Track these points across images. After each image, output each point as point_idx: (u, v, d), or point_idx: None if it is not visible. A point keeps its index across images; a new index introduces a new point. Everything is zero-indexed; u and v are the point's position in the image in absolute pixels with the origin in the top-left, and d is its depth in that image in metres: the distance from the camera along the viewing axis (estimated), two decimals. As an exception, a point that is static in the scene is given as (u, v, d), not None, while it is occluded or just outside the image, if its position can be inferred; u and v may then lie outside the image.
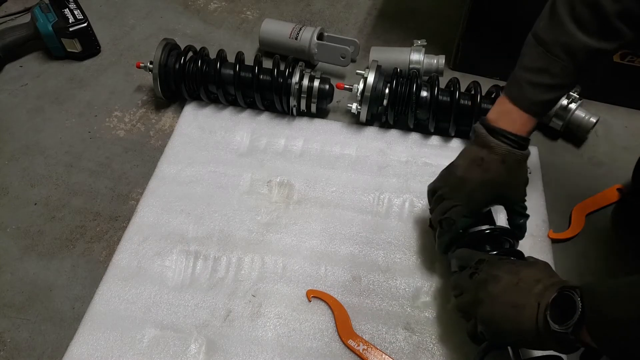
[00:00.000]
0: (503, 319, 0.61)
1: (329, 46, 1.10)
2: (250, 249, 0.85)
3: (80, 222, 0.90)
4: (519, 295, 0.61)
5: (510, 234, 0.77)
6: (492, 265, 0.67)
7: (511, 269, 0.64)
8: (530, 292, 0.60)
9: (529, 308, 0.59)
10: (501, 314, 0.61)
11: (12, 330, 0.77)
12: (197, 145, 0.99)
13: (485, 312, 0.63)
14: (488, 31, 1.07)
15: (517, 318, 0.60)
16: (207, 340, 0.76)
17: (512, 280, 0.63)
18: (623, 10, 0.62)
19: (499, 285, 0.63)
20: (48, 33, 1.11)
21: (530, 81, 0.69)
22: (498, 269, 0.65)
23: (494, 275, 0.64)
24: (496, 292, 0.63)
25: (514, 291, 0.62)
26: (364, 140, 1.01)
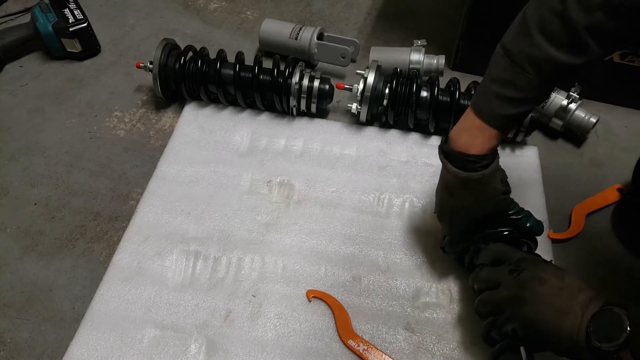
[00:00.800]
0: (545, 320, 0.60)
1: (329, 46, 1.10)
2: (250, 249, 0.85)
3: (80, 222, 0.90)
4: (564, 300, 0.60)
5: (529, 237, 0.77)
6: (536, 265, 0.66)
7: (556, 273, 0.64)
8: (574, 300, 0.59)
9: (572, 315, 0.58)
10: (544, 315, 0.61)
11: (12, 330, 0.77)
12: (197, 145, 0.99)
13: (528, 311, 0.62)
14: (488, 31, 1.06)
15: (558, 323, 0.59)
16: (207, 340, 0.76)
17: (557, 284, 0.62)
18: (593, 25, 0.59)
19: (544, 287, 0.62)
20: (48, 33, 1.11)
21: (496, 93, 0.66)
22: (543, 271, 0.64)
23: (540, 276, 0.64)
24: (541, 293, 0.62)
25: (558, 295, 0.61)
26: (364, 140, 1.01)
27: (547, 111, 1.00)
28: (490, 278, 0.69)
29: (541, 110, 1.00)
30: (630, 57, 0.99)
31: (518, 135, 0.97)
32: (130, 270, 0.82)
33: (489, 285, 0.69)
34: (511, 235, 0.76)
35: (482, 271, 0.71)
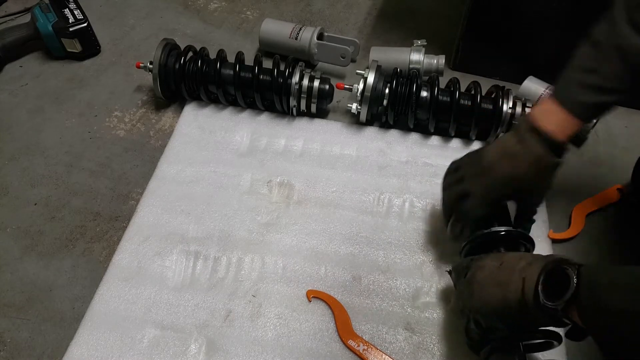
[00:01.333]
0: (490, 300, 0.62)
1: (329, 46, 1.10)
2: (250, 249, 0.85)
3: (80, 222, 0.90)
4: (502, 274, 0.62)
5: (527, 238, 0.77)
6: (478, 259, 0.69)
7: (495, 257, 0.66)
8: (513, 270, 0.61)
9: (513, 283, 0.60)
10: (487, 295, 0.63)
11: (12, 330, 0.77)
12: (197, 145, 0.99)
13: (475, 299, 0.64)
14: (488, 31, 1.07)
15: (502, 295, 0.60)
16: (207, 340, 0.76)
17: (495, 265, 0.64)
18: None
19: (484, 271, 0.65)
20: (48, 33, 1.11)
21: (578, 81, 0.68)
22: (482, 260, 0.67)
23: (479, 265, 0.66)
24: (481, 278, 0.65)
25: (497, 272, 0.63)
26: (364, 140, 1.01)
27: (547, 111, 1.00)
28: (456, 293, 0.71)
29: (541, 110, 1.00)
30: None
31: (518, 135, 0.97)
32: (130, 270, 0.82)
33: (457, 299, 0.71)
34: (509, 235, 0.76)
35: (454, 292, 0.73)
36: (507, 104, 0.95)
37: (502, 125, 0.95)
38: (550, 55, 1.05)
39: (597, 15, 0.94)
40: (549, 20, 1.00)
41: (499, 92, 0.97)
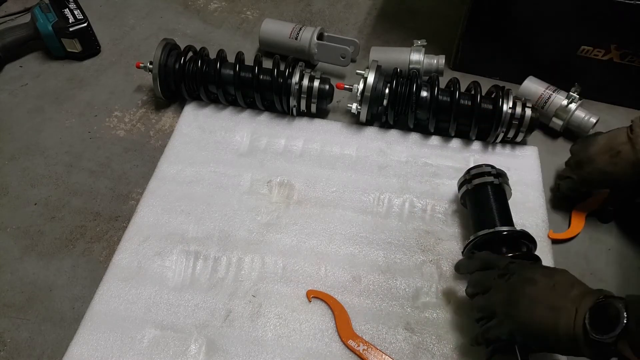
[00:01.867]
0: (541, 320, 0.60)
1: (329, 46, 1.10)
2: (250, 249, 0.85)
3: (80, 222, 0.90)
4: (557, 298, 0.60)
5: (529, 238, 0.77)
6: (524, 267, 0.67)
7: (545, 272, 0.64)
8: (566, 296, 0.60)
9: (566, 312, 0.58)
10: (538, 315, 0.61)
11: (12, 330, 0.77)
12: (197, 145, 0.99)
13: (522, 313, 0.62)
14: (488, 31, 1.07)
15: (553, 321, 0.59)
16: (207, 340, 0.76)
17: (548, 283, 0.62)
18: None
19: (536, 287, 0.63)
20: (48, 33, 1.11)
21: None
22: (532, 272, 0.65)
23: (530, 277, 0.64)
24: (533, 294, 0.62)
25: (550, 294, 0.61)
26: (364, 140, 1.01)
27: (547, 111, 1.00)
28: (481, 282, 0.70)
29: (541, 110, 1.00)
30: (630, 57, 0.99)
31: (518, 135, 0.97)
32: (130, 270, 0.82)
33: (481, 289, 0.69)
34: (511, 235, 0.76)
35: (473, 276, 0.72)
36: (507, 104, 0.95)
37: (502, 125, 0.95)
38: (550, 55, 1.05)
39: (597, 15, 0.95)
40: (549, 20, 1.00)
41: (499, 92, 0.97)
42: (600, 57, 1.01)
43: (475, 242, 0.78)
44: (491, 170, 0.84)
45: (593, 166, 0.81)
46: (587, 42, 1.00)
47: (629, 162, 0.73)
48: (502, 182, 0.84)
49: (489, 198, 0.82)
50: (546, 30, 1.01)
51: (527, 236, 0.77)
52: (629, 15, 0.92)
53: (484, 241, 0.77)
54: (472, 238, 0.78)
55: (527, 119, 0.95)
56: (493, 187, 0.82)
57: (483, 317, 0.69)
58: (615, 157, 0.76)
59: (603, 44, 0.99)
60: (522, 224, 0.88)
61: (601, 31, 0.98)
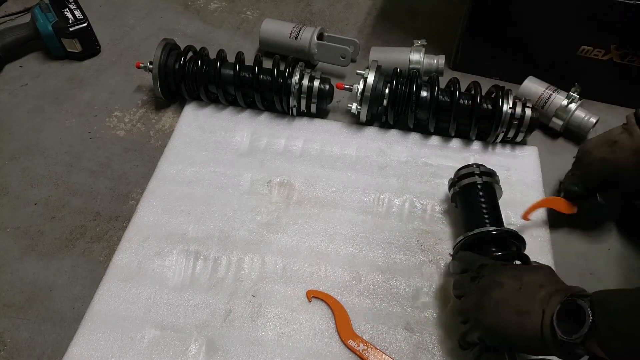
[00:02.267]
0: (506, 325, 0.60)
1: (329, 46, 1.10)
2: (250, 249, 0.85)
3: (80, 222, 0.90)
4: (523, 301, 0.60)
5: (518, 237, 0.77)
6: (494, 270, 0.66)
7: (514, 274, 0.64)
8: (533, 298, 0.59)
9: (533, 314, 0.58)
10: (504, 320, 0.61)
11: (12, 330, 0.77)
12: (197, 145, 0.99)
13: (488, 318, 0.62)
14: (488, 31, 1.07)
15: (520, 325, 0.59)
16: (207, 340, 0.76)
17: (515, 286, 0.62)
18: None
19: (502, 291, 0.62)
20: (48, 33, 1.11)
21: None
22: (501, 275, 0.65)
23: (497, 280, 0.64)
24: (499, 297, 0.62)
25: (517, 297, 0.61)
26: (364, 140, 1.01)
27: (547, 111, 1.00)
28: (459, 286, 0.70)
29: (541, 110, 1.00)
30: (630, 57, 0.99)
31: (518, 135, 0.97)
32: (130, 270, 0.82)
33: (458, 294, 0.70)
34: (500, 234, 0.76)
35: (455, 278, 0.72)
36: (507, 104, 0.95)
37: (502, 125, 0.95)
38: (550, 55, 1.05)
39: (597, 15, 0.95)
40: (549, 20, 1.00)
41: (499, 92, 0.97)
42: (600, 57, 1.01)
43: (463, 242, 0.77)
44: (475, 170, 0.84)
45: (592, 156, 0.80)
46: (587, 42, 1.00)
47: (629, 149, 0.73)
48: (491, 181, 0.83)
49: (478, 198, 0.81)
50: (546, 30, 1.01)
51: (516, 235, 0.77)
52: (629, 15, 0.92)
53: (472, 241, 0.77)
54: (461, 238, 0.78)
55: (527, 119, 0.95)
56: (481, 186, 0.82)
57: (461, 321, 0.69)
58: (613, 145, 0.75)
59: (603, 44, 0.99)
60: (522, 224, 0.88)
61: (601, 31, 0.98)
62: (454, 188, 0.85)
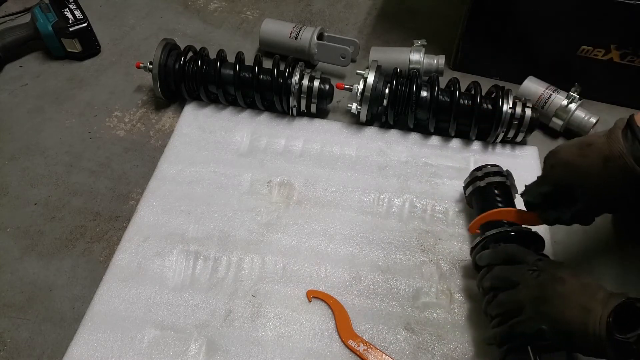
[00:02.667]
0: (571, 320, 0.60)
1: (329, 46, 1.10)
2: (250, 249, 0.85)
3: (80, 222, 0.90)
4: (586, 298, 0.61)
5: (536, 238, 0.77)
6: (553, 266, 0.67)
7: (572, 273, 0.64)
8: (594, 297, 0.60)
9: (595, 312, 0.59)
10: (570, 314, 0.61)
11: (12, 330, 0.77)
12: (197, 145, 0.99)
13: (554, 310, 0.62)
14: (488, 31, 1.07)
15: (584, 320, 0.59)
16: (207, 340, 0.76)
17: (576, 284, 0.62)
18: None
19: (565, 286, 0.63)
20: (48, 33, 1.11)
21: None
22: (561, 271, 0.65)
23: (559, 276, 0.64)
24: (564, 292, 0.62)
25: (580, 294, 0.61)
26: (364, 140, 1.01)
27: (547, 111, 1.00)
28: (507, 277, 0.68)
29: (541, 110, 1.00)
30: (630, 57, 0.99)
31: (518, 135, 0.97)
32: (130, 270, 0.82)
33: (505, 285, 0.68)
34: (518, 235, 0.76)
35: (496, 270, 0.71)
36: (507, 104, 0.95)
37: (502, 125, 0.95)
38: (550, 55, 1.05)
39: (597, 15, 0.95)
40: (549, 20, 1.00)
41: (499, 92, 0.97)
42: (600, 57, 1.01)
43: (484, 243, 0.78)
44: (501, 170, 0.84)
45: (557, 158, 0.67)
46: (587, 42, 1.00)
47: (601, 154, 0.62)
48: (510, 183, 0.84)
49: (497, 197, 0.82)
50: (546, 30, 1.01)
51: (536, 236, 0.77)
52: (629, 15, 0.92)
53: (493, 241, 0.77)
54: (481, 238, 0.78)
55: (527, 119, 0.95)
56: (502, 187, 0.83)
57: (503, 313, 0.67)
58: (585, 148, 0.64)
59: (603, 44, 0.99)
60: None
61: (601, 31, 0.98)
62: (476, 184, 0.85)
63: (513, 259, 0.70)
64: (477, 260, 0.77)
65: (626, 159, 0.61)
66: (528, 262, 0.68)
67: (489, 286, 0.71)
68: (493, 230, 0.77)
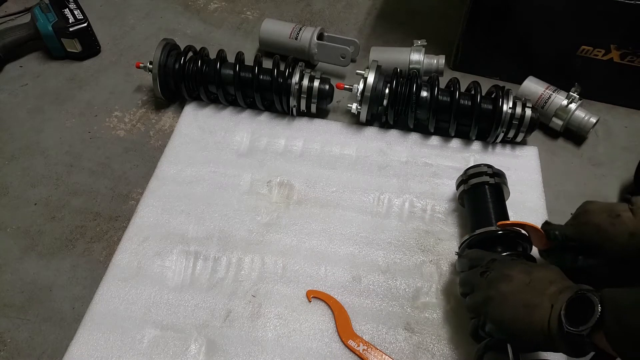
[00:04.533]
0: (514, 318, 0.61)
1: (329, 46, 1.10)
2: (250, 249, 0.85)
3: (80, 222, 0.90)
4: (532, 295, 0.60)
5: (524, 238, 0.77)
6: (504, 264, 0.67)
7: (524, 269, 0.64)
8: (543, 293, 0.60)
9: (541, 309, 0.58)
10: (512, 313, 0.61)
11: (12, 330, 0.77)
12: (197, 145, 0.99)
13: (496, 310, 0.63)
14: (488, 31, 1.07)
15: (528, 318, 0.59)
16: (207, 340, 0.76)
17: (524, 280, 0.62)
18: None
19: (511, 284, 0.63)
20: (48, 33, 1.11)
21: None
22: (510, 269, 0.65)
23: (506, 274, 0.64)
24: (508, 290, 0.62)
25: (526, 291, 0.61)
26: (364, 140, 1.01)
27: (547, 111, 1.00)
28: (466, 282, 0.70)
29: (541, 110, 1.00)
30: (630, 57, 0.99)
31: (518, 135, 0.97)
32: (130, 270, 0.82)
33: (468, 289, 0.69)
34: (505, 234, 0.76)
35: (462, 275, 0.72)
36: (507, 104, 0.95)
37: (502, 125, 0.95)
38: (550, 55, 1.05)
39: (597, 15, 0.95)
40: (549, 20, 1.00)
41: (499, 92, 0.96)
42: (600, 57, 1.01)
43: (469, 242, 0.78)
44: (487, 170, 0.84)
45: (590, 218, 0.73)
46: (587, 42, 1.00)
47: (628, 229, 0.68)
48: (500, 182, 0.83)
49: (485, 198, 0.82)
50: (546, 30, 1.01)
51: (522, 236, 0.77)
52: (629, 15, 0.92)
53: (478, 241, 0.77)
54: (466, 238, 0.78)
55: (527, 119, 0.95)
56: (490, 186, 0.82)
57: (472, 317, 0.69)
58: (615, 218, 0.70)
59: (603, 44, 0.99)
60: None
61: (601, 31, 0.98)
62: (462, 187, 0.85)
63: (473, 264, 0.71)
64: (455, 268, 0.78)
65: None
66: (482, 264, 0.69)
67: (461, 292, 0.72)
68: (479, 230, 0.77)
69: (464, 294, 0.71)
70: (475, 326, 0.68)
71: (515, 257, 0.72)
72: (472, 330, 0.69)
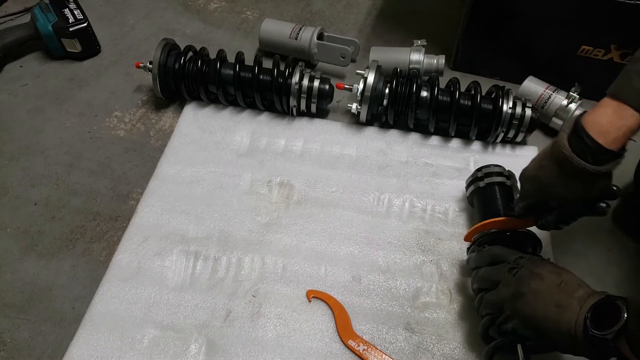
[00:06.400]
0: (545, 316, 0.61)
1: (329, 46, 1.10)
2: (250, 249, 0.85)
3: (80, 222, 0.90)
4: (562, 295, 0.61)
5: (530, 238, 0.77)
6: (533, 262, 0.67)
7: (553, 270, 0.65)
8: (572, 295, 0.60)
9: (571, 310, 0.59)
10: (544, 310, 0.61)
11: (12, 330, 0.77)
12: (197, 145, 0.99)
13: (527, 307, 0.63)
14: (488, 31, 1.07)
15: (557, 317, 0.59)
16: (207, 340, 0.76)
17: (555, 280, 0.63)
18: None
19: (543, 283, 0.63)
20: (48, 33, 1.11)
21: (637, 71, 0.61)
22: (540, 268, 0.65)
23: (537, 272, 0.64)
24: (540, 289, 0.63)
25: (557, 291, 0.62)
26: (364, 140, 1.01)
27: (547, 111, 1.00)
28: (490, 277, 0.70)
29: (541, 110, 1.00)
30: (630, 57, 0.99)
31: (518, 135, 0.97)
32: (130, 270, 0.82)
33: (489, 285, 0.69)
34: (515, 236, 0.76)
35: (481, 271, 0.72)
36: (507, 104, 0.95)
37: (502, 125, 0.95)
38: (550, 55, 1.05)
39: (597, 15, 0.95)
40: (549, 20, 1.00)
41: (499, 92, 0.97)
42: (600, 57, 1.01)
43: (480, 242, 0.78)
44: (503, 171, 0.85)
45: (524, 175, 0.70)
46: (587, 42, 1.00)
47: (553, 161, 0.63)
48: (512, 184, 0.84)
49: (497, 198, 0.82)
50: (546, 30, 1.01)
51: (533, 237, 0.77)
52: (629, 15, 0.92)
53: (489, 241, 0.77)
54: (478, 237, 0.78)
55: (527, 119, 0.95)
56: (503, 187, 0.83)
57: (491, 313, 0.68)
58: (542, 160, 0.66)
59: (603, 44, 0.99)
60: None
61: (601, 31, 0.98)
62: (477, 184, 0.85)
63: (497, 260, 0.71)
64: (466, 263, 0.78)
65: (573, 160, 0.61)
66: (510, 260, 0.69)
67: (477, 288, 0.72)
68: (486, 231, 0.77)
69: (481, 289, 0.70)
70: (486, 326, 0.68)
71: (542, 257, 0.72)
72: (483, 331, 0.69)
